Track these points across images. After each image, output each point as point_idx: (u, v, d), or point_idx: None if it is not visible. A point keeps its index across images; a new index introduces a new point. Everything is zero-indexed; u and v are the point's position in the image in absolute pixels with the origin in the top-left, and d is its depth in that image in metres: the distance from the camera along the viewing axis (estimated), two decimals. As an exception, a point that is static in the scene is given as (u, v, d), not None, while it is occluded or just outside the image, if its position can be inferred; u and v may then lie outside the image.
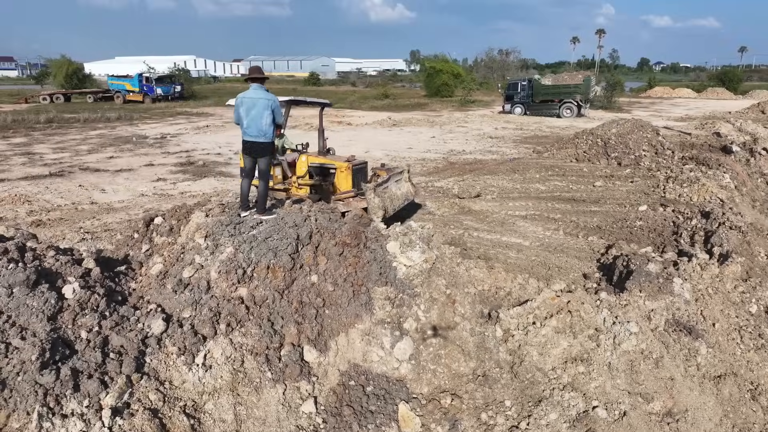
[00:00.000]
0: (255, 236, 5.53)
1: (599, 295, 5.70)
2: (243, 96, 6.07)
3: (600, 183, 12.15)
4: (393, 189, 8.88)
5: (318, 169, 8.89)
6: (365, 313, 5.49)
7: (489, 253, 7.67)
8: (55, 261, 4.96)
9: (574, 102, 30.13)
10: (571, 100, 30.15)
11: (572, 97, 30.18)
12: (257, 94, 6.16)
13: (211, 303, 5.11)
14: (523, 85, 31.51)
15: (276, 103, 6.24)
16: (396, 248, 6.16)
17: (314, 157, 8.87)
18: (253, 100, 6.14)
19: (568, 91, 30.42)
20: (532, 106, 31.12)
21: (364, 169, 9.00)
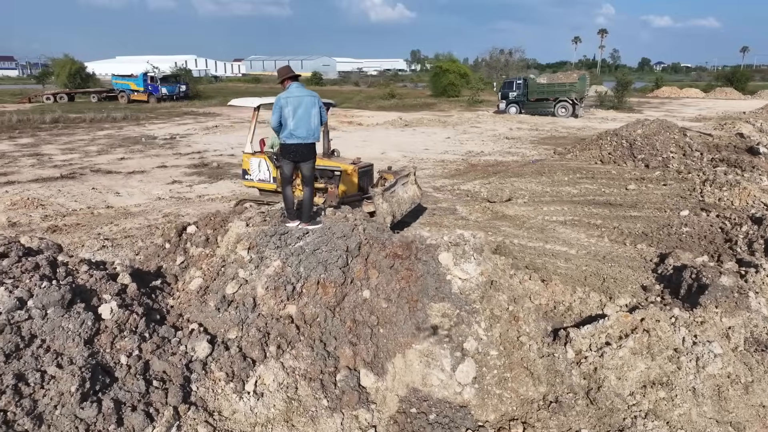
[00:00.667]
0: (302, 248, 5.09)
1: (673, 312, 5.26)
2: (287, 96, 5.60)
3: (633, 186, 11.72)
4: (400, 193, 8.55)
5: (322, 171, 8.57)
6: (422, 332, 5.06)
7: (536, 263, 7.23)
8: (89, 277, 4.52)
9: (569, 101, 29.94)
10: (566, 98, 29.98)
11: (567, 95, 30.00)
12: (301, 92, 5.72)
13: (259, 322, 4.68)
14: (519, 84, 31.30)
15: (320, 100, 5.82)
16: (449, 260, 5.73)
17: (319, 159, 8.50)
18: (299, 99, 5.69)
19: (563, 90, 30.23)
20: (528, 105, 30.90)
21: (370, 172, 8.71)
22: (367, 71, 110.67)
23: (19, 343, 3.77)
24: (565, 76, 31.84)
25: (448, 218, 9.62)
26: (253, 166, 8.75)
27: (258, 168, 8.74)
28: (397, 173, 8.86)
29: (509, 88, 31.42)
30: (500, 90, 32.21)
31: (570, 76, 31.51)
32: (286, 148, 5.71)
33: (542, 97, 30.60)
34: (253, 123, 8.78)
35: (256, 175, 8.77)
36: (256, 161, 8.71)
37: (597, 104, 36.81)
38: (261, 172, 8.72)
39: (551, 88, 30.63)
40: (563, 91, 30.11)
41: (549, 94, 30.54)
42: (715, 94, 50.44)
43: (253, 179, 8.85)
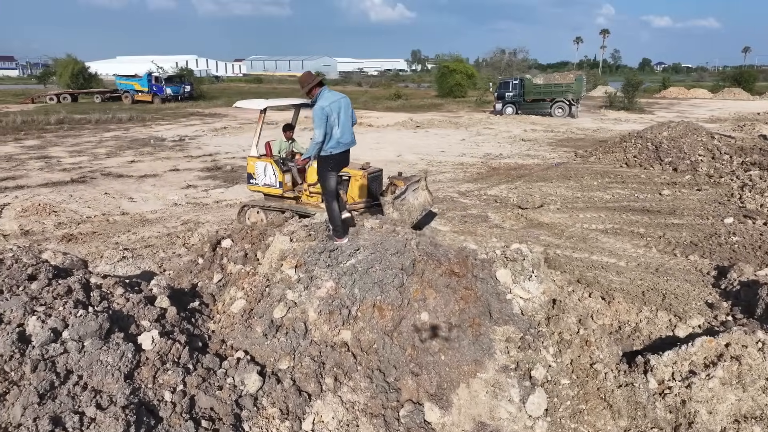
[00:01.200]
0: (355, 267, 4.65)
1: (757, 335, 4.82)
2: (330, 102, 5.09)
3: (667, 191, 11.28)
4: (410, 200, 8.16)
5: None
6: (487, 358, 4.61)
7: (587, 277, 6.79)
8: (126, 301, 4.08)
9: (566, 101, 29.69)
10: (562, 99, 29.73)
11: (564, 96, 29.72)
12: (335, 95, 5.27)
13: (312, 350, 4.23)
14: (515, 85, 30.89)
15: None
16: (508, 277, 5.29)
17: None
18: (338, 103, 5.23)
19: (560, 90, 29.93)
20: (524, 106, 30.56)
21: (379, 178, 8.36)
22: (367, 71, 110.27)
23: (54, 381, 3.33)
24: (562, 77, 31.55)
25: (481, 226, 9.17)
26: (259, 170, 8.46)
27: (264, 172, 8.43)
28: (408, 179, 8.53)
29: (506, 89, 31.10)
30: (496, 90, 31.89)
31: (567, 77, 31.23)
32: (333, 159, 5.21)
33: (539, 98, 30.33)
34: (260, 126, 8.47)
35: (261, 179, 8.48)
36: (262, 165, 8.41)
37: (606, 105, 36.35)
38: (267, 177, 8.43)
39: (548, 88, 30.36)
40: (560, 91, 29.89)
41: (546, 94, 30.28)
42: (723, 94, 49.95)
43: (258, 184, 8.55)
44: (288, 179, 8.42)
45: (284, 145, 8.98)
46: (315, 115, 5.02)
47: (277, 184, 8.34)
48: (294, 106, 9.23)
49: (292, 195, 8.42)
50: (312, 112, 5.05)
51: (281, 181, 8.29)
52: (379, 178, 8.36)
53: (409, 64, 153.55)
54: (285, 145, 8.99)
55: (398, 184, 8.38)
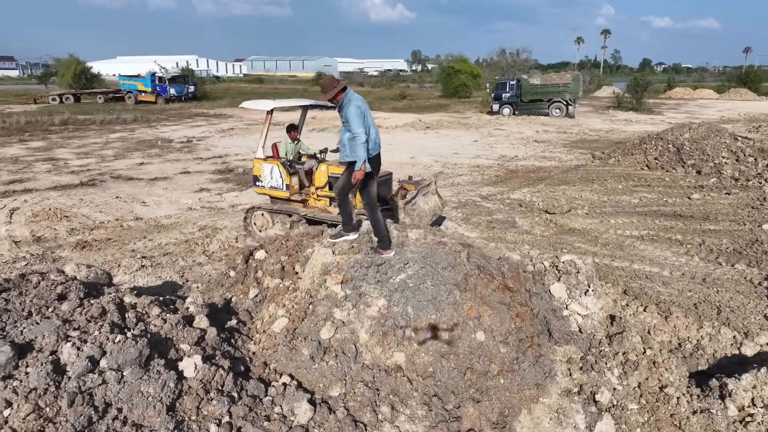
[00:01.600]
0: (405, 282, 4.30)
1: (836, 356, 4.48)
2: (361, 102, 4.77)
3: (697, 195, 10.93)
4: (421, 205, 7.91)
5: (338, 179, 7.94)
6: (549, 381, 4.27)
7: (632, 288, 6.44)
8: (163, 323, 3.73)
9: (563, 101, 29.64)
10: (560, 99, 29.67)
11: (561, 96, 29.65)
12: (360, 98, 4.92)
13: (365, 375, 3.89)
14: (512, 85, 30.79)
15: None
16: (563, 292, 4.95)
17: (335, 167, 7.93)
18: (365, 105, 4.91)
19: (557, 90, 29.84)
20: (521, 106, 30.48)
21: (389, 181, 8.10)
22: (368, 71, 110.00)
23: (93, 416, 2.99)
24: (559, 77, 31.41)
25: (510, 232, 8.83)
26: (265, 172, 8.25)
27: (270, 174, 8.22)
28: (418, 183, 8.30)
29: (502, 89, 30.97)
30: (493, 91, 31.70)
31: (564, 77, 31.09)
32: (371, 162, 4.89)
33: (536, 98, 30.25)
34: (266, 127, 8.16)
35: (267, 182, 8.28)
36: (268, 167, 8.20)
37: (614, 105, 36.02)
38: (273, 179, 8.22)
39: (545, 88, 30.26)
40: (557, 92, 29.81)
41: (543, 95, 30.20)
42: (729, 95, 49.64)
43: (264, 186, 8.35)
44: (295, 182, 8.25)
45: (290, 147, 8.74)
46: (352, 114, 4.65)
47: (284, 187, 8.15)
48: (301, 107, 8.95)
49: (299, 198, 8.23)
50: (347, 114, 4.65)
51: (288, 183, 8.09)
52: (388, 181, 8.11)
53: (409, 65, 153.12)
54: (291, 147, 8.76)
55: (409, 189, 8.18)
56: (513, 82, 30.88)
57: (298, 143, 8.87)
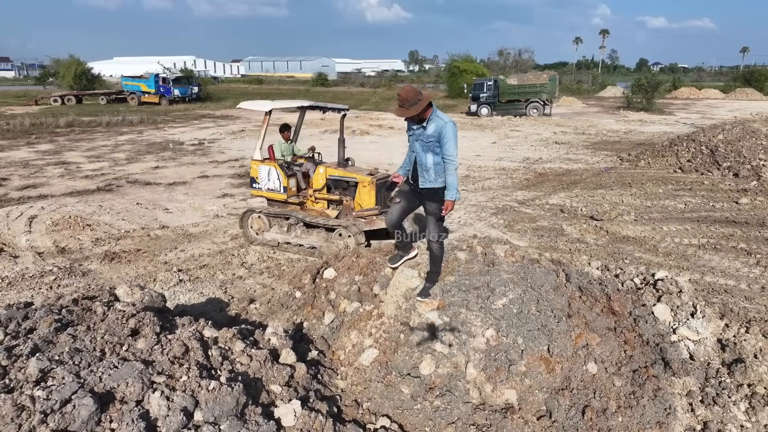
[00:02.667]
0: (509, 308, 3.83)
1: None
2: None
3: (745, 200, 10.49)
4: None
5: (337, 182, 7.88)
6: (671, 418, 3.80)
7: (713, 304, 5.98)
8: (250, 360, 3.24)
9: (540, 101, 29.99)
10: (537, 99, 30.03)
11: (538, 96, 30.03)
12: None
13: (477, 418, 3.41)
14: (489, 86, 30.95)
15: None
16: (667, 314, 4.48)
17: (333, 169, 7.92)
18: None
19: (534, 90, 30.19)
20: (499, 106, 30.71)
21: (387, 183, 7.76)
22: (365, 72, 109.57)
23: (191, 482, 2.50)
24: (535, 77, 31.68)
25: (561, 241, 8.36)
26: (262, 174, 8.14)
27: (267, 176, 8.09)
28: None
29: (480, 90, 31.09)
30: (471, 92, 31.78)
31: (540, 77, 31.37)
32: None
33: (514, 98, 30.53)
34: (264, 128, 8.03)
35: (265, 183, 8.16)
36: (266, 169, 8.08)
37: (624, 106, 35.63)
38: (270, 181, 8.10)
39: (522, 89, 30.54)
40: (534, 92, 30.14)
41: (520, 95, 30.49)
42: (735, 95, 49.33)
43: (261, 188, 8.25)
44: (293, 184, 8.09)
45: (285, 148, 8.47)
46: (453, 135, 4.02)
47: (282, 189, 8.02)
48: (299, 109, 8.63)
49: (296, 200, 8.10)
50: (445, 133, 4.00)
51: (285, 185, 7.97)
52: (387, 183, 7.77)
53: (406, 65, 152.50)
54: (287, 148, 8.49)
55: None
56: (490, 83, 31.10)
57: (292, 144, 8.61)
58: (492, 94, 30.59)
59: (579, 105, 38.89)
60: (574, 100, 40.26)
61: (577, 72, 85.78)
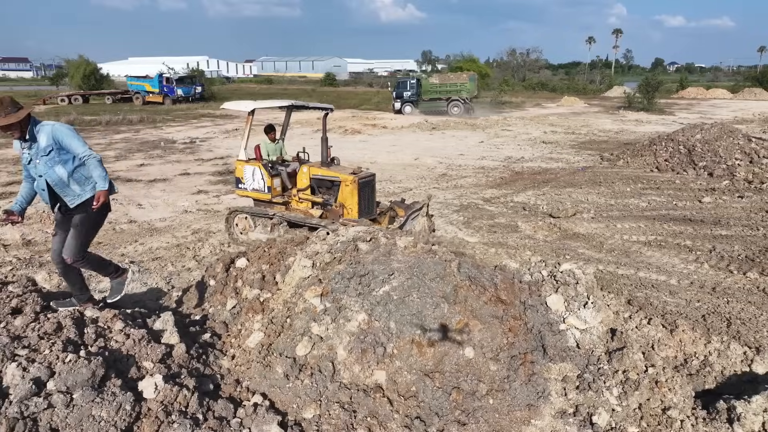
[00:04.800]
0: (389, 295, 4.03)
1: None
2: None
3: (708, 199, 10.55)
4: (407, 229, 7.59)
5: (320, 181, 7.90)
6: (542, 401, 3.98)
7: (637, 298, 6.13)
8: (126, 338, 3.49)
9: (461, 100, 30.99)
10: (458, 98, 31.07)
11: (459, 95, 31.10)
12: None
13: (342, 396, 3.62)
14: (412, 84, 32.29)
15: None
16: (560, 304, 4.64)
17: (317, 168, 7.86)
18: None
19: (455, 89, 31.33)
20: (422, 105, 31.80)
21: (371, 183, 7.80)
22: (377, 72, 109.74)
23: (36, 444, 2.75)
24: (456, 77, 32.97)
25: (512, 237, 8.53)
26: (247, 174, 8.09)
27: (252, 176, 8.05)
28: (409, 207, 8.07)
29: (404, 88, 32.25)
30: (395, 90, 32.75)
31: (460, 77, 32.64)
32: None
33: (436, 97, 31.69)
34: (247, 128, 7.98)
35: (249, 184, 8.12)
36: (250, 169, 8.04)
37: (625, 106, 35.48)
38: (255, 181, 8.06)
39: (443, 87, 31.71)
40: (455, 90, 31.32)
41: (442, 93, 31.66)
42: (743, 94, 48.79)
43: (247, 188, 8.20)
44: (277, 183, 8.05)
45: (271, 148, 8.55)
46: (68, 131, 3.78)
47: (266, 189, 7.99)
48: (285, 108, 8.68)
49: (281, 200, 8.05)
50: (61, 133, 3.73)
51: (270, 185, 7.94)
52: (371, 183, 7.83)
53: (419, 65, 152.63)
54: (272, 148, 8.57)
55: (399, 213, 7.95)
56: (413, 82, 32.52)
57: (278, 144, 8.69)
58: (414, 93, 31.85)
59: (580, 105, 38.77)
60: (575, 100, 40.16)
61: (589, 72, 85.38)
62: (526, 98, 46.74)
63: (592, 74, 77.07)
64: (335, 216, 7.64)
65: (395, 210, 8.07)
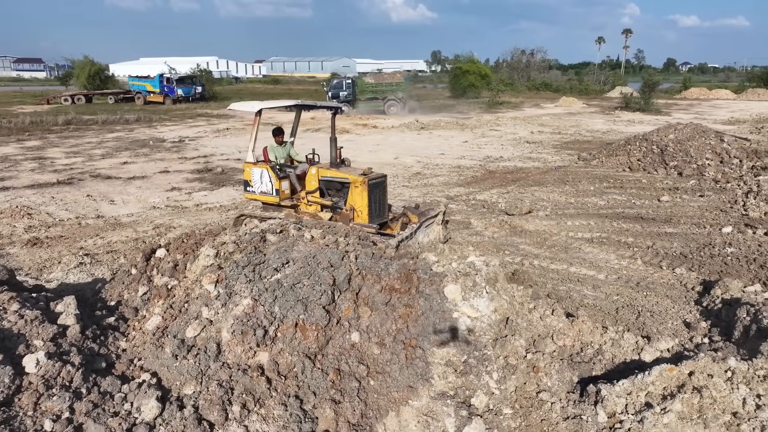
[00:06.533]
0: (280, 282, 4.29)
1: (728, 364, 4.32)
2: None
3: (666, 197, 10.69)
4: (420, 237, 7.26)
5: (329, 183, 7.66)
6: (421, 384, 4.21)
7: (559, 291, 6.33)
8: (19, 318, 3.77)
9: (396, 99, 31.50)
10: (393, 97, 31.60)
11: (394, 94, 31.67)
12: None
13: (222, 374, 3.88)
14: (348, 84, 32.85)
15: None
16: (457, 294, 4.86)
17: (325, 170, 7.62)
18: None
19: (390, 89, 32.06)
20: (359, 105, 32.17)
21: (382, 184, 7.61)
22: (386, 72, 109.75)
23: None
24: (390, 77, 34.18)
25: (462, 233, 8.74)
26: (255, 176, 7.88)
27: (260, 179, 7.87)
28: (423, 214, 7.66)
29: (339, 89, 32.67)
30: (330, 90, 33.08)
31: (395, 76, 33.80)
32: None
33: (372, 96, 32.25)
34: (255, 130, 7.84)
35: (258, 186, 7.92)
36: (258, 171, 7.84)
37: (622, 106, 35.41)
38: (263, 184, 7.87)
39: (379, 87, 32.43)
40: (390, 90, 31.98)
41: (378, 93, 32.27)
42: (747, 95, 48.40)
43: (254, 191, 7.98)
44: (285, 186, 7.87)
45: (279, 151, 8.41)
46: None
47: (274, 192, 7.79)
48: (294, 108, 8.59)
49: (289, 203, 7.85)
50: None
51: (278, 188, 7.74)
52: (382, 184, 7.61)
53: (428, 65, 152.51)
54: (280, 150, 8.43)
55: (412, 219, 7.68)
56: (349, 82, 33.06)
57: (285, 146, 8.52)
58: (351, 93, 32.27)
59: (579, 105, 38.75)
60: (574, 100, 40.13)
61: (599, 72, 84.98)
62: (527, 98, 46.78)
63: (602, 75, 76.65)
64: (345, 220, 7.28)
65: (408, 215, 7.83)
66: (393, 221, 7.78)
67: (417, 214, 7.70)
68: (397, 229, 7.55)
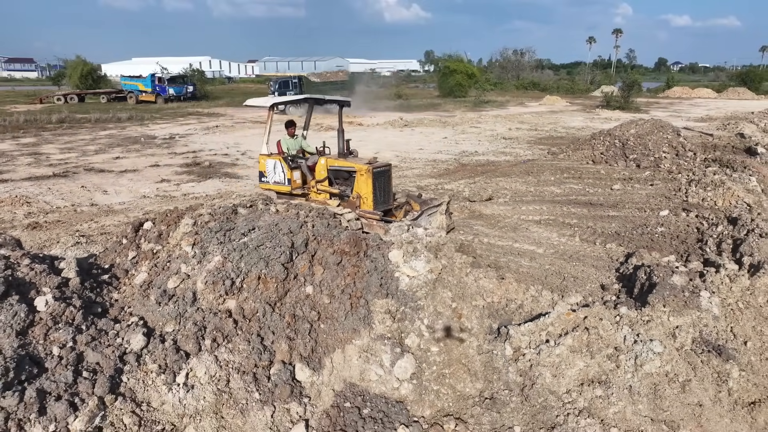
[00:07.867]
0: (246, 244, 5.16)
1: (619, 310, 5.22)
2: None
3: (618, 186, 11.62)
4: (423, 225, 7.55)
5: (337, 172, 8.18)
6: (363, 327, 5.09)
7: (500, 261, 7.22)
8: (30, 270, 4.62)
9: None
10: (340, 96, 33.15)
11: (341, 92, 32.37)
12: None
13: (197, 316, 4.74)
14: (294, 83, 33.98)
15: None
16: (399, 257, 5.75)
17: (333, 160, 8.17)
18: None
19: (335, 87, 33.50)
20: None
21: (387, 173, 8.08)
22: (380, 72, 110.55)
23: (-51, 333, 3.88)
24: (333, 75, 35.62)
25: (425, 217, 9.60)
26: (269, 167, 8.40)
27: (273, 170, 8.37)
28: (425, 203, 8.21)
29: (286, 87, 33.44)
30: (277, 90, 33.51)
31: (337, 75, 35.35)
32: None
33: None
34: (269, 123, 8.27)
35: (271, 177, 8.43)
36: (272, 163, 8.36)
37: (603, 104, 36.45)
38: (276, 174, 8.37)
39: (325, 86, 33.68)
40: (336, 89, 33.25)
41: (324, 91, 32.66)
42: (727, 94, 49.67)
43: (269, 182, 8.49)
44: (297, 176, 8.31)
45: (291, 143, 8.85)
46: None
47: (286, 182, 8.26)
48: (307, 101, 9.07)
49: (300, 192, 8.28)
50: None
51: (290, 178, 8.20)
52: (387, 173, 8.05)
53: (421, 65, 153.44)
54: (292, 143, 8.87)
55: (414, 207, 8.15)
56: (295, 81, 33.97)
57: (297, 138, 8.94)
58: (298, 92, 32.93)
59: (562, 103, 39.76)
60: (557, 99, 41.14)
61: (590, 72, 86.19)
62: (513, 97, 47.77)
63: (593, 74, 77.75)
64: (352, 207, 7.65)
65: (410, 204, 8.24)
66: (397, 209, 8.26)
67: (419, 202, 8.23)
68: (400, 217, 8.04)
